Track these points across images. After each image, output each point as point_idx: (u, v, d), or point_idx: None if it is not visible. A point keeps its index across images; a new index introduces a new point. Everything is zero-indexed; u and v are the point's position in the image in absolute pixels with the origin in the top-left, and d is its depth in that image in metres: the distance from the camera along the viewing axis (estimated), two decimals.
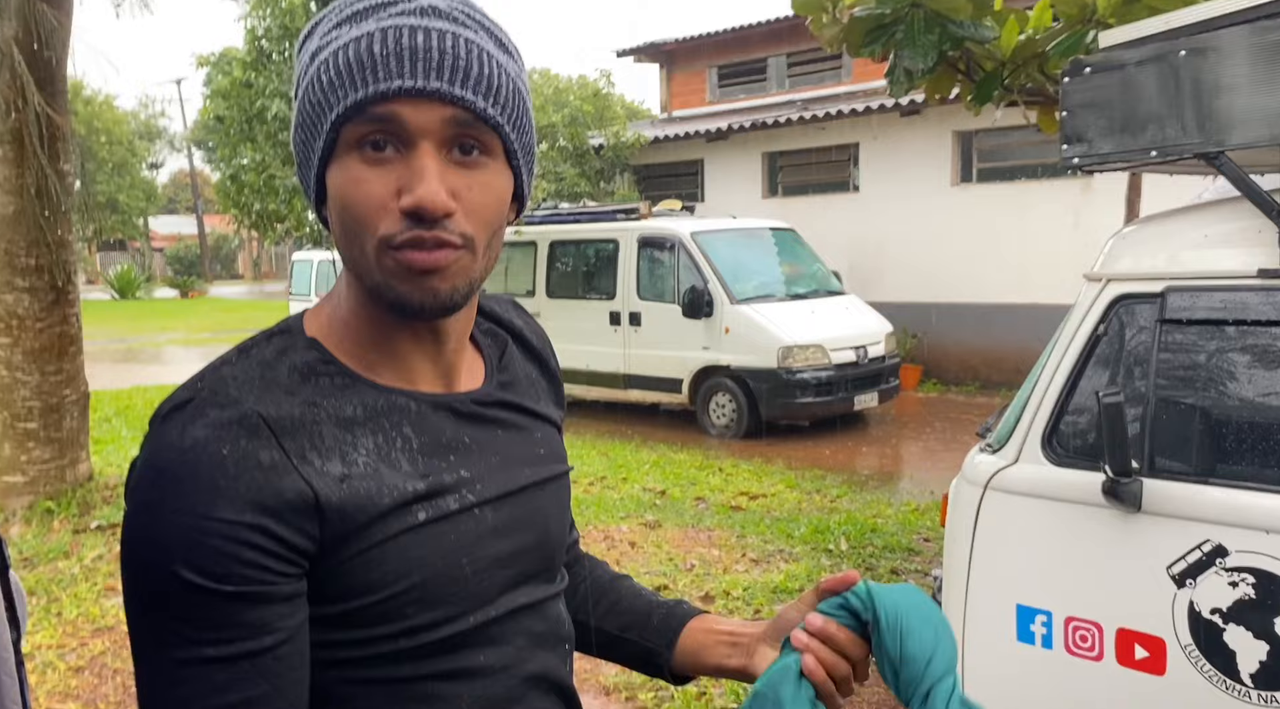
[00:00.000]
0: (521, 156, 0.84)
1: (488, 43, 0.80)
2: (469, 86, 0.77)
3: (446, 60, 0.77)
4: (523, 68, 0.86)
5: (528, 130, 0.84)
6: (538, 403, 0.99)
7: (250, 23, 9.71)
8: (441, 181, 0.77)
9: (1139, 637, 2.18)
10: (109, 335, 20.56)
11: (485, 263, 0.82)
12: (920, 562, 4.98)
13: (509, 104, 0.80)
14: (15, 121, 5.14)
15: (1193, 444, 2.18)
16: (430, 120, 0.77)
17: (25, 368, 5.41)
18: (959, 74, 4.15)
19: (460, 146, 0.79)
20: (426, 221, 0.76)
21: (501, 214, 0.83)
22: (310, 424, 0.78)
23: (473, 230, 0.79)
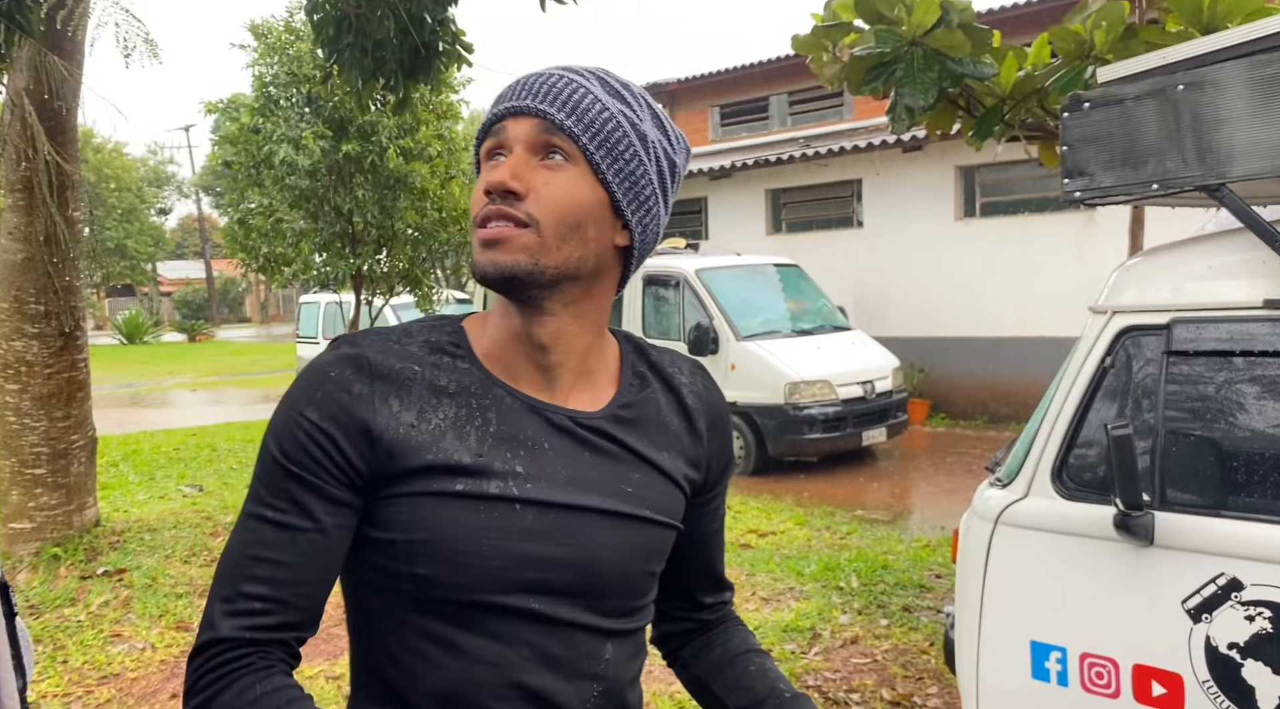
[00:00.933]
0: (611, 175, 0.98)
1: (594, 86, 0.99)
2: (554, 104, 0.96)
3: (542, 88, 0.98)
4: (646, 118, 1.02)
5: (626, 157, 0.99)
6: (657, 451, 1.07)
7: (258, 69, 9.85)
8: (516, 170, 0.95)
9: (1156, 673, 2.15)
10: (117, 380, 20.62)
11: (561, 254, 0.96)
12: (932, 599, 4.92)
13: (595, 125, 0.97)
14: (26, 170, 5.21)
15: (1204, 476, 2.17)
16: (523, 130, 0.97)
17: (34, 414, 5.42)
18: (959, 110, 4.19)
19: (546, 151, 0.97)
20: (496, 198, 0.95)
21: (577, 211, 0.96)
22: (405, 380, 0.97)
23: (539, 214, 0.95)
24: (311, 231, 9.71)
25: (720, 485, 1.18)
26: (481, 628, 0.96)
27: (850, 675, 4.02)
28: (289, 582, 0.92)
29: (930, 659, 4.13)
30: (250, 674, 0.90)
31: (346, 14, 4.88)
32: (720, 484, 1.18)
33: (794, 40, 4.20)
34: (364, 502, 0.96)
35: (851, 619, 4.67)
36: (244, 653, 0.91)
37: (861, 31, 3.95)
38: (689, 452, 1.10)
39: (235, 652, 0.90)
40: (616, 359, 1.10)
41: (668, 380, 1.12)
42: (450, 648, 0.95)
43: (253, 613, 0.91)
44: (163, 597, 5.05)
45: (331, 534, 0.94)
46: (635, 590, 1.05)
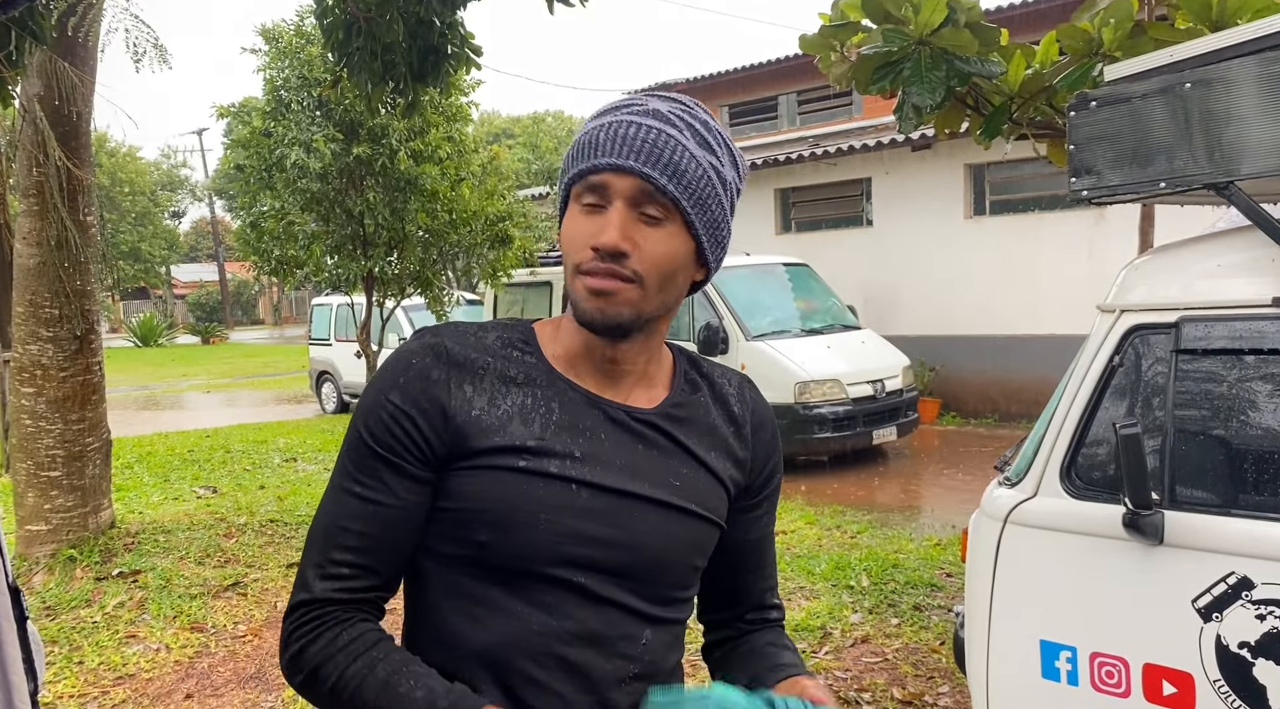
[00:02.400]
0: (701, 226, 1.06)
1: (687, 139, 1.05)
2: (656, 167, 1.02)
3: (645, 148, 1.03)
4: (726, 161, 1.09)
5: (712, 207, 1.07)
6: (705, 449, 1.15)
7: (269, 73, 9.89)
8: (623, 230, 1.02)
9: (1166, 672, 2.14)
10: (131, 382, 20.74)
11: (657, 301, 1.06)
12: (943, 598, 4.92)
13: (691, 184, 1.04)
14: (38, 176, 5.25)
15: (1214, 475, 2.16)
16: (625, 187, 1.03)
17: (49, 417, 5.46)
18: (967, 109, 4.18)
19: (645, 208, 1.03)
20: (606, 256, 1.02)
21: (673, 264, 1.05)
22: (479, 368, 1.08)
23: (643, 270, 1.03)
24: (323, 234, 9.75)
25: (765, 491, 1.22)
26: (530, 596, 1.04)
27: (861, 674, 4.02)
28: (373, 550, 1.05)
29: (941, 658, 4.12)
30: (337, 625, 1.03)
31: (356, 18, 4.90)
32: (765, 490, 1.22)
33: (801, 40, 4.20)
34: (438, 477, 1.06)
35: (862, 618, 4.66)
36: (332, 610, 1.04)
37: (869, 31, 3.95)
38: (735, 453, 1.18)
39: (325, 609, 1.03)
40: (670, 366, 1.19)
41: (716, 389, 1.20)
42: (500, 611, 1.04)
43: (341, 577, 1.04)
44: (177, 598, 5.08)
45: (411, 508, 1.05)
46: (677, 580, 1.13)
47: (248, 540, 6.12)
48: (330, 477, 1.10)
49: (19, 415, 5.50)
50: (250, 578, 5.44)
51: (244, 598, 5.17)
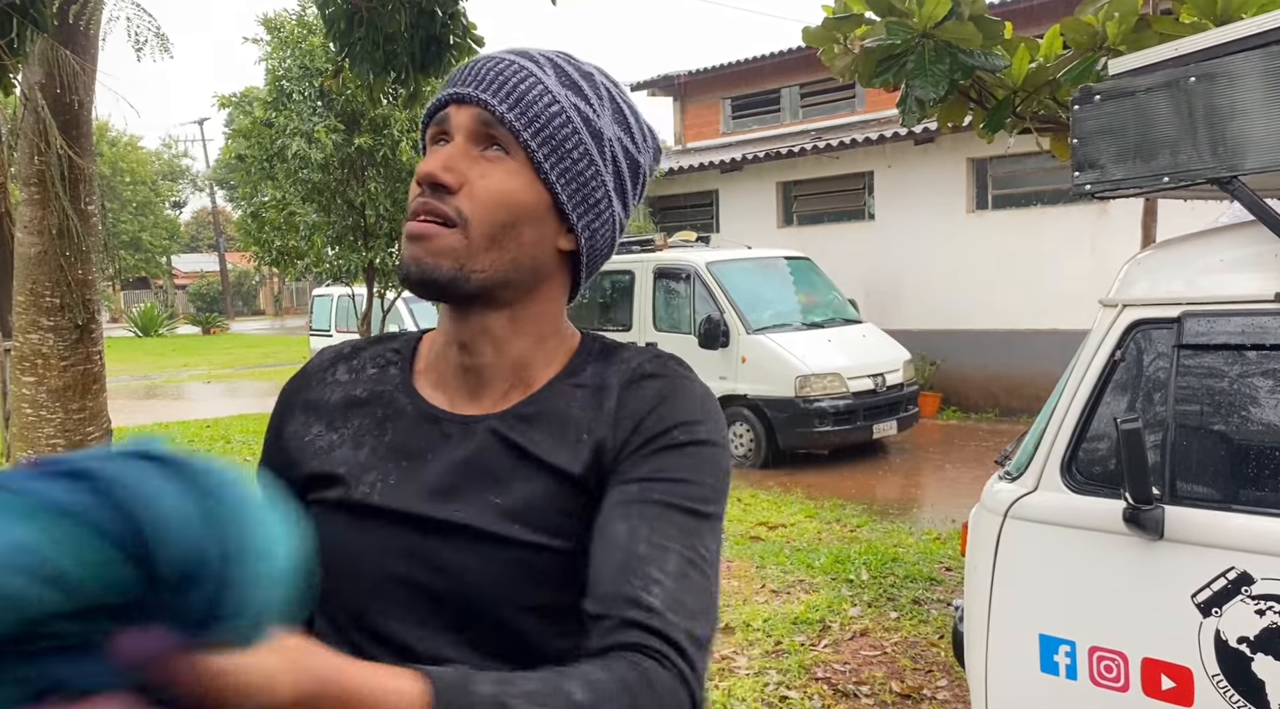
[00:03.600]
0: (554, 173, 0.90)
1: (547, 75, 0.91)
2: (497, 94, 0.89)
3: (487, 76, 0.90)
4: (605, 115, 0.94)
5: (573, 155, 0.91)
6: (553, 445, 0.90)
7: (271, 63, 9.88)
8: (450, 161, 0.88)
9: (1165, 667, 2.15)
10: (132, 372, 20.75)
11: (491, 257, 0.89)
12: (942, 591, 4.92)
13: (540, 118, 0.89)
14: (39, 164, 5.24)
15: (1214, 470, 2.16)
16: (464, 118, 0.90)
17: (49, 406, 5.46)
18: (971, 102, 4.17)
19: (486, 143, 0.90)
20: (426, 190, 0.88)
21: (511, 209, 0.89)
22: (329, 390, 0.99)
23: (470, 211, 0.88)
24: (324, 225, 9.75)
25: (630, 460, 0.87)
26: (359, 652, 0.84)
27: (860, 668, 4.02)
28: None
29: (940, 652, 4.13)
30: None
31: (358, 8, 4.88)
32: (631, 458, 0.87)
33: (805, 32, 4.20)
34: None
35: (861, 612, 4.67)
36: None
37: (872, 24, 3.94)
38: (597, 431, 0.89)
39: None
40: (564, 365, 0.95)
41: (603, 378, 0.93)
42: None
43: None
44: None
45: None
46: (511, 628, 0.87)
47: None
48: None
49: (19, 404, 5.51)
50: None
51: None
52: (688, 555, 0.82)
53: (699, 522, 0.85)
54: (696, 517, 0.85)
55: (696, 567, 0.82)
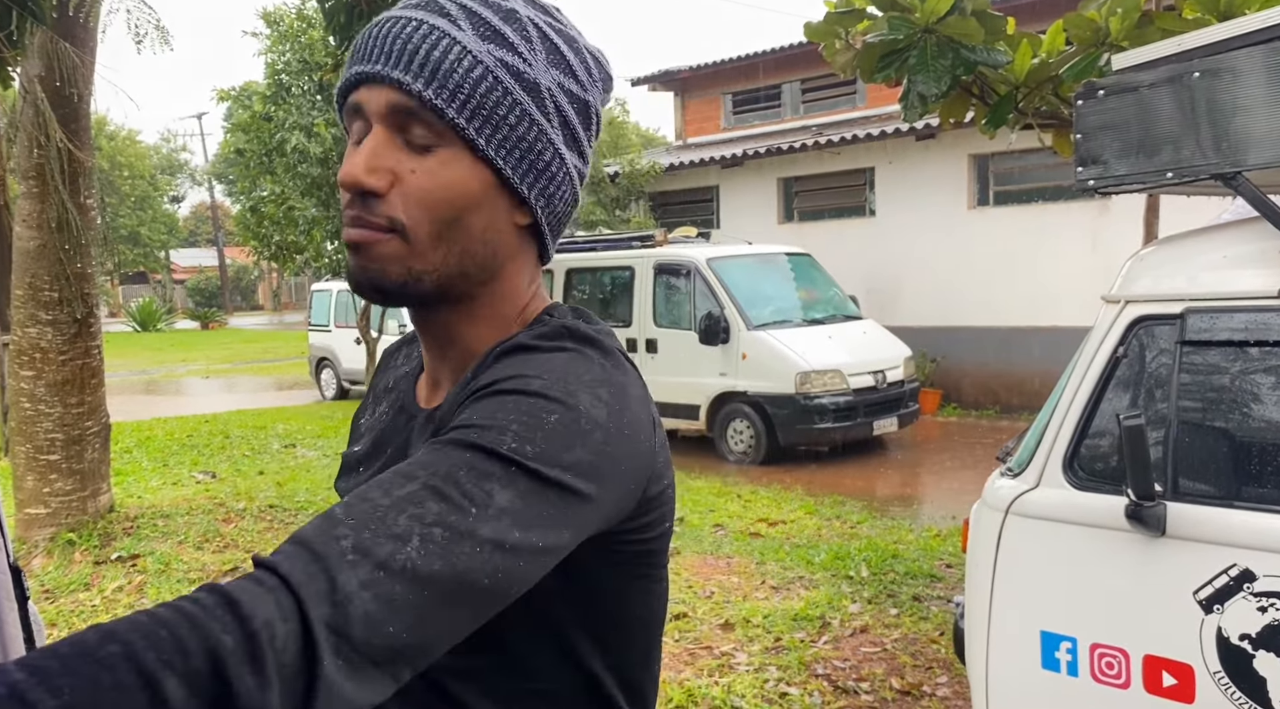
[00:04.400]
0: (492, 147, 0.79)
1: (462, 30, 0.77)
2: (409, 69, 0.76)
3: (394, 46, 0.77)
4: (538, 59, 0.81)
5: (509, 120, 0.79)
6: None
7: (270, 57, 9.86)
8: (372, 161, 0.76)
9: (1166, 664, 2.14)
10: (130, 367, 20.74)
11: (440, 255, 0.79)
12: (943, 588, 4.92)
13: (464, 89, 0.77)
14: (39, 157, 5.23)
15: (1217, 467, 2.16)
16: (379, 103, 0.77)
17: (48, 400, 5.45)
18: (973, 98, 4.16)
19: (412, 130, 0.77)
20: (355, 198, 0.77)
21: (453, 203, 0.78)
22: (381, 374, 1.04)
23: (406, 216, 0.77)
24: (323, 219, 9.74)
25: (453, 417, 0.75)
26: None
27: (860, 664, 4.02)
28: None
29: (940, 648, 4.13)
30: None
31: (357, 1, 4.87)
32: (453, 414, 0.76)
33: (806, 27, 4.18)
34: None
35: (861, 608, 4.67)
36: None
37: (874, 18, 3.92)
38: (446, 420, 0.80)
39: None
40: None
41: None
42: None
43: None
44: (176, 582, 5.08)
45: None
46: None
47: (246, 526, 6.12)
48: None
49: (18, 398, 5.50)
50: (249, 563, 5.45)
51: None
52: (434, 486, 0.65)
53: (481, 457, 0.67)
54: (479, 452, 0.67)
55: (446, 498, 0.64)
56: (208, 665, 0.52)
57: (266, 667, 0.53)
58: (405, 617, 0.60)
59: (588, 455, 0.71)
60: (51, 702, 0.48)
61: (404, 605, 0.60)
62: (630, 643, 0.86)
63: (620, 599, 0.83)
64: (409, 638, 0.60)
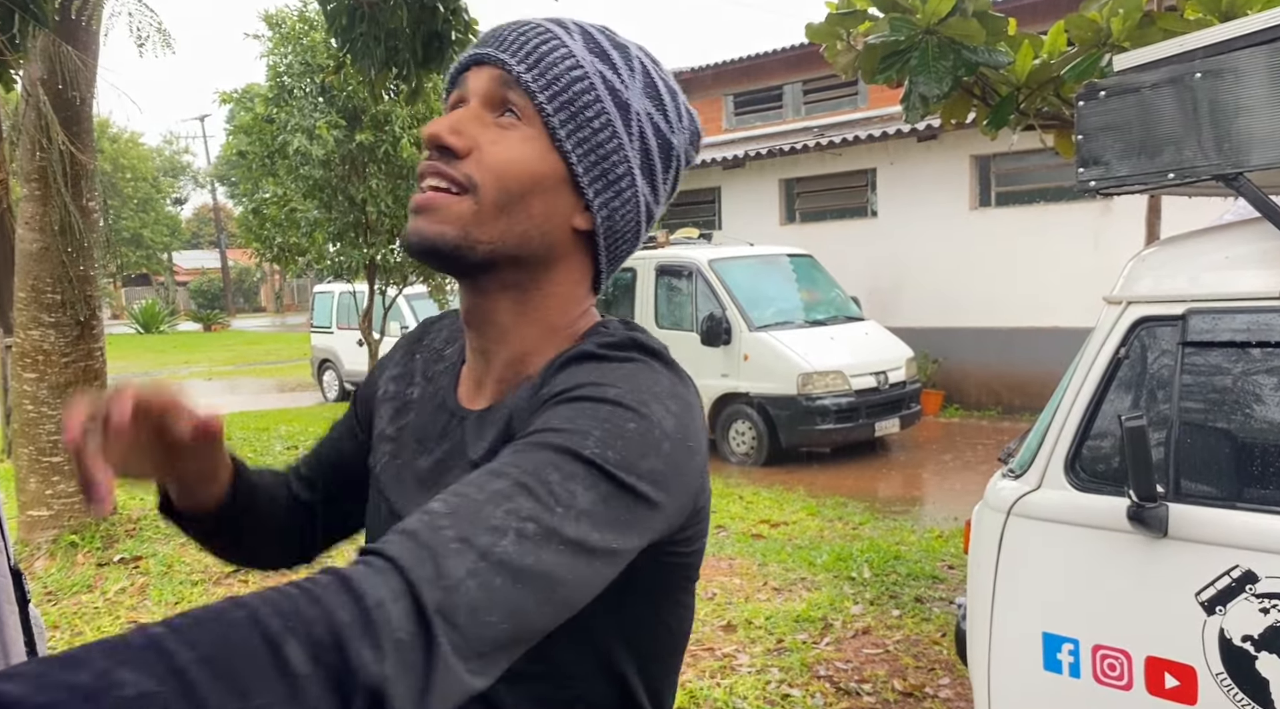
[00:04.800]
0: (570, 142, 0.83)
1: (572, 40, 0.85)
2: (516, 54, 0.83)
3: (509, 37, 0.85)
4: (636, 88, 0.86)
5: (594, 124, 0.84)
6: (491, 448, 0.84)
7: (272, 59, 9.87)
8: (460, 124, 0.83)
9: (1169, 665, 2.14)
10: (133, 369, 20.75)
11: (495, 227, 0.82)
12: (945, 590, 4.92)
13: (559, 81, 0.83)
14: (41, 160, 5.24)
15: (1219, 468, 2.15)
16: (482, 81, 0.85)
17: (51, 402, 5.46)
18: (974, 99, 4.16)
19: (501, 108, 0.84)
20: (433, 153, 0.83)
21: (522, 176, 0.82)
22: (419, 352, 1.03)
23: (480, 177, 0.81)
24: (325, 221, 9.74)
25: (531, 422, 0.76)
26: None
27: (862, 666, 4.02)
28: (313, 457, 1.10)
29: (942, 650, 4.13)
30: None
31: (359, 3, 4.87)
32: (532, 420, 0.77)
33: (808, 29, 4.18)
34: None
35: (863, 609, 4.67)
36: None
37: (876, 19, 3.93)
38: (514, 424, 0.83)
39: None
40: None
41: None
42: None
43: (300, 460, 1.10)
44: (178, 584, 5.09)
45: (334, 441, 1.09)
46: None
47: None
48: None
49: (21, 401, 5.51)
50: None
51: (245, 585, 5.17)
52: (524, 482, 0.67)
53: (567, 458, 0.69)
54: (565, 453, 0.69)
55: (535, 495, 0.66)
56: (328, 637, 0.55)
57: (382, 640, 0.56)
58: (503, 608, 0.62)
59: (659, 464, 0.73)
60: (187, 653, 0.51)
61: (501, 597, 0.62)
62: (660, 653, 0.88)
63: (658, 610, 0.86)
64: (506, 630, 0.62)
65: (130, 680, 0.49)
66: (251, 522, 0.99)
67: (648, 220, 0.90)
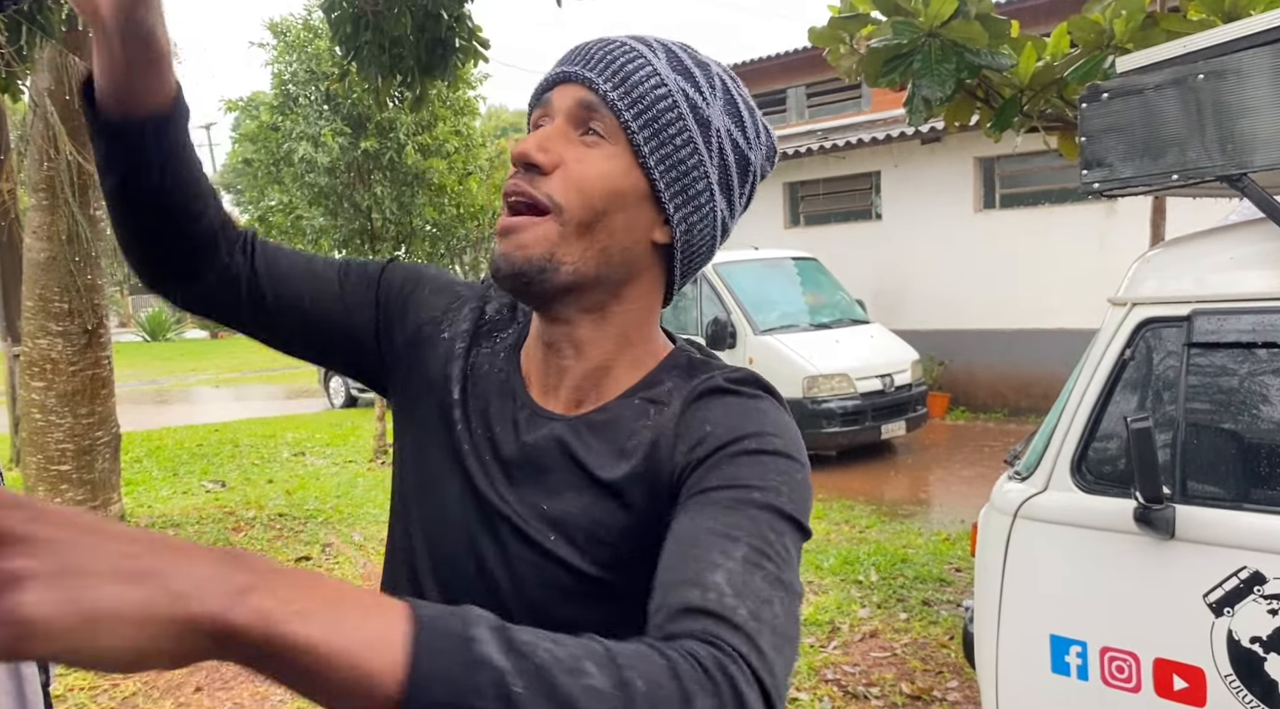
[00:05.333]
0: (653, 158, 0.85)
1: (656, 58, 0.86)
2: (602, 73, 0.84)
3: (596, 54, 0.86)
4: (717, 105, 0.88)
5: (676, 140, 0.85)
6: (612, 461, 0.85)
7: (277, 67, 9.91)
8: (546, 141, 0.84)
9: (1177, 667, 2.14)
10: (140, 377, 20.81)
11: (579, 246, 0.83)
12: (952, 592, 4.91)
13: (644, 99, 0.84)
14: (48, 170, 5.26)
15: (1226, 469, 2.15)
16: (566, 99, 0.86)
17: (59, 411, 5.48)
18: (978, 101, 4.16)
19: (585, 127, 0.85)
20: (519, 171, 0.84)
21: (606, 193, 0.84)
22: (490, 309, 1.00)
23: (563, 198, 0.83)
24: (331, 228, 9.78)
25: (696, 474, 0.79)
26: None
27: (869, 669, 4.01)
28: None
29: (950, 653, 4.12)
30: None
31: (364, 12, 4.90)
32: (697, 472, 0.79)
33: (811, 33, 4.19)
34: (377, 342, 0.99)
35: (870, 613, 4.66)
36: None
37: (878, 23, 3.93)
38: (651, 441, 0.84)
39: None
40: (644, 376, 0.90)
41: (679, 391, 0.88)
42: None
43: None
44: None
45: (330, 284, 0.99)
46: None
47: (256, 534, 6.13)
48: None
49: (29, 409, 5.53)
50: None
51: None
52: (758, 546, 0.71)
53: (774, 517, 0.75)
54: (771, 511, 0.75)
55: (770, 559, 0.71)
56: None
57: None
58: (789, 668, 0.68)
59: (811, 503, 0.81)
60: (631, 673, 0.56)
61: (787, 661, 0.67)
62: None
63: None
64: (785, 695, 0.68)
65: (594, 674, 0.54)
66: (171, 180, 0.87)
67: (723, 233, 0.93)
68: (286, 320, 0.97)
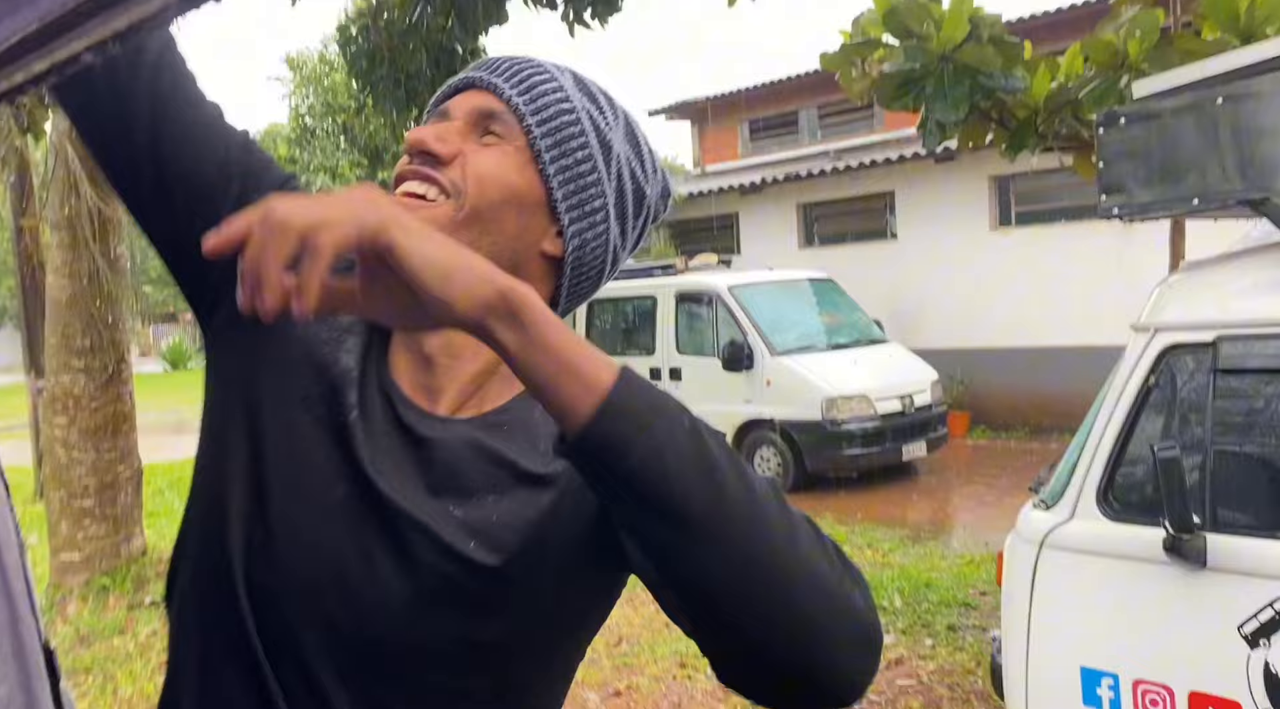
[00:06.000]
0: (552, 168, 0.83)
1: (562, 78, 0.87)
2: (508, 81, 0.84)
3: (501, 66, 0.86)
4: (619, 132, 0.88)
5: (576, 154, 0.84)
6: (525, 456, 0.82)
7: (294, 101, 10.03)
8: (443, 132, 0.83)
9: (1213, 700, 2.09)
10: (162, 408, 20.94)
11: (470, 238, 0.78)
12: (978, 616, 4.85)
13: (547, 109, 0.84)
14: (70, 210, 5.33)
15: (1257, 497, 2.12)
16: (468, 103, 0.85)
17: (81, 446, 5.52)
18: (992, 123, 4.15)
19: (484, 130, 0.84)
20: (414, 158, 0.82)
21: (503, 190, 0.81)
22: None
23: (464, 183, 0.81)
24: None
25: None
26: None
27: (896, 698, 3.96)
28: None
29: (977, 679, 4.06)
30: None
31: (379, 47, 4.95)
32: None
33: (823, 58, 4.20)
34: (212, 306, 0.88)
35: (896, 639, 4.61)
36: None
37: (890, 48, 3.93)
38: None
39: None
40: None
41: None
42: None
43: None
44: None
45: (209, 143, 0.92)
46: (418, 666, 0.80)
47: None
48: None
49: (52, 445, 5.57)
50: None
51: None
52: None
53: None
54: None
55: None
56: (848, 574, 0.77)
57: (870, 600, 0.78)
58: None
59: None
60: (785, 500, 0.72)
61: None
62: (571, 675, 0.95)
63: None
64: None
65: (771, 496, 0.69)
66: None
67: (613, 264, 0.90)
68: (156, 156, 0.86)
